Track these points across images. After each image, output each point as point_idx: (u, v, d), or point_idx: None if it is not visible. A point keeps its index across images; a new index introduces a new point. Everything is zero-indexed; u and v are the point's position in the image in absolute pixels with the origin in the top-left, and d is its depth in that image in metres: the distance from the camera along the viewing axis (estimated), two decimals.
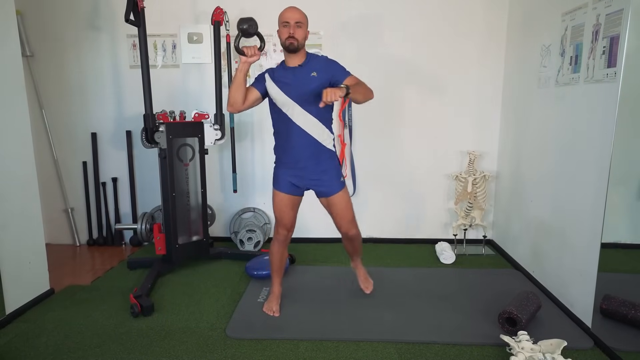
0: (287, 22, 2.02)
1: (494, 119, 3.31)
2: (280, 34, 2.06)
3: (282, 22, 2.05)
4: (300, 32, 2.04)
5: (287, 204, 2.21)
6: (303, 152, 2.13)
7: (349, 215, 2.24)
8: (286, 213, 2.22)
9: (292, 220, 2.25)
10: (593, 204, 2.05)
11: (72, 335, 2.11)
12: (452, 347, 1.99)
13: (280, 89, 2.08)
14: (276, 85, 2.09)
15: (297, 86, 2.07)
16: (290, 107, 2.09)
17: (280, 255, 2.31)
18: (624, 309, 2.03)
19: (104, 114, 3.41)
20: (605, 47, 1.96)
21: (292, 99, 2.07)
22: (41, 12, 3.28)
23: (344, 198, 2.20)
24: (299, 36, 2.03)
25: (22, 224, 2.39)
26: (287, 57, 2.11)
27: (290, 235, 2.29)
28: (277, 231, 2.26)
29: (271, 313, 2.28)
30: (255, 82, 2.17)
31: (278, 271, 2.35)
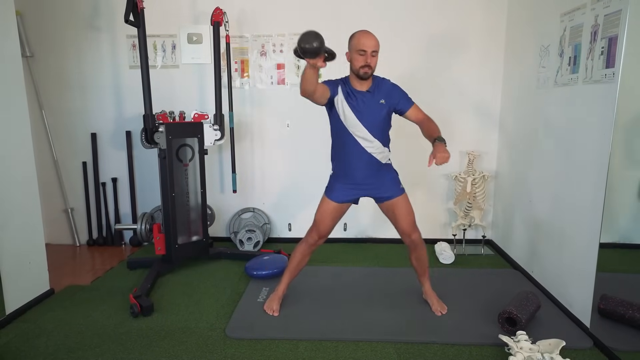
0: (365, 51, 1.98)
1: (493, 119, 3.31)
2: (355, 60, 2.01)
3: (358, 49, 1.99)
4: (374, 60, 2.02)
5: (332, 213, 2.22)
6: (364, 171, 2.15)
7: (411, 218, 2.24)
8: (328, 221, 2.23)
9: (329, 230, 2.27)
10: (591, 204, 2.05)
11: (72, 335, 2.11)
12: (450, 347, 2.00)
13: (353, 111, 2.07)
14: (348, 105, 2.08)
15: (368, 113, 2.07)
16: (358, 130, 2.09)
17: (302, 257, 2.31)
18: (621, 309, 2.04)
19: (104, 114, 3.42)
20: (604, 48, 1.96)
21: (362, 124, 2.08)
22: (41, 13, 3.29)
23: (405, 202, 2.22)
24: (373, 64, 2.02)
25: (22, 224, 2.39)
26: (355, 81, 2.09)
27: (321, 243, 2.30)
28: (311, 234, 2.27)
29: (271, 312, 2.28)
30: (329, 83, 2.10)
31: (293, 272, 2.35)
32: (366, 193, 2.22)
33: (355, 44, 2.01)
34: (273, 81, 3.35)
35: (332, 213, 2.22)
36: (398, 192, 2.21)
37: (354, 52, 2.02)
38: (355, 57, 2.01)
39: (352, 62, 2.04)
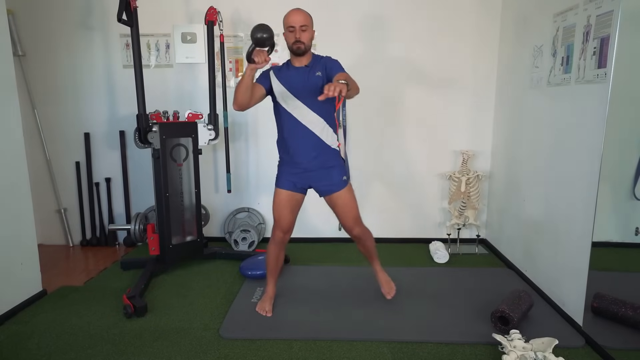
0: (293, 27, 2.03)
1: (487, 118, 3.33)
2: (287, 37, 2.07)
3: (287, 26, 2.05)
4: (306, 35, 2.05)
5: (287, 205, 2.20)
6: (307, 150, 2.14)
7: (353, 213, 2.22)
8: (285, 215, 2.21)
9: (290, 223, 2.24)
10: (584, 203, 2.07)
11: (65, 337, 2.10)
12: (444, 346, 2.00)
13: (287, 88, 2.10)
14: (282, 84, 2.10)
15: (303, 86, 2.08)
16: (295, 106, 2.10)
17: (276, 256, 2.30)
18: (614, 307, 2.05)
19: (97, 114, 3.40)
20: (596, 48, 1.98)
21: (298, 98, 2.09)
22: (33, 11, 3.26)
23: (347, 196, 2.20)
24: (305, 39, 2.05)
25: (13, 225, 2.37)
26: (294, 59, 2.13)
27: (288, 238, 2.28)
28: (274, 233, 2.25)
29: (264, 313, 2.27)
30: (261, 78, 2.15)
31: (273, 272, 2.35)
32: (310, 182, 2.19)
33: (285, 22, 2.07)
34: None
35: (286, 205, 2.19)
36: (340, 186, 2.18)
37: (286, 30, 2.07)
38: (287, 34, 2.07)
39: (286, 41, 2.10)
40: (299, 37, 2.03)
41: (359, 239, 2.30)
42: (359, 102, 3.31)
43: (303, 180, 2.19)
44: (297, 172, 2.18)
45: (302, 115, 2.10)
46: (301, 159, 2.15)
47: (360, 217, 2.27)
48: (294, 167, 2.18)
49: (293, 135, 2.13)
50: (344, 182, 2.20)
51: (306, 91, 2.08)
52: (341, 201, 2.19)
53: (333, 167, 2.19)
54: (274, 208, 2.23)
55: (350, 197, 2.22)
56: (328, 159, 2.17)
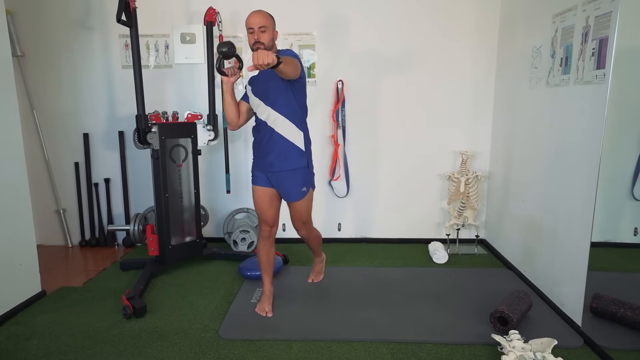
0: (252, 28, 2.05)
1: (486, 119, 3.33)
2: (248, 40, 2.09)
3: (247, 28, 2.07)
4: (265, 36, 2.06)
5: (265, 199, 2.26)
6: (271, 148, 2.17)
7: (303, 218, 2.33)
8: (266, 208, 2.27)
9: (273, 215, 2.29)
10: (583, 204, 2.07)
11: (64, 338, 2.09)
12: (444, 346, 2.00)
13: (252, 91, 2.18)
14: (250, 89, 2.19)
15: (264, 85, 2.13)
16: (259, 106, 2.16)
17: (267, 252, 2.32)
18: (613, 308, 2.06)
19: (96, 114, 3.39)
20: (595, 49, 1.98)
21: (259, 98, 2.15)
22: (32, 12, 3.26)
23: (301, 205, 2.28)
24: (264, 40, 2.06)
25: (12, 225, 2.37)
26: None
27: (275, 231, 2.32)
28: (260, 227, 2.32)
29: (264, 314, 2.28)
30: (243, 94, 2.28)
31: (267, 269, 2.35)
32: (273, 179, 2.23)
33: (245, 24, 2.08)
34: None
35: (264, 199, 2.26)
36: (297, 197, 2.24)
37: (247, 32, 2.09)
38: (248, 36, 2.09)
39: (249, 43, 2.10)
40: (258, 37, 2.05)
41: (304, 238, 2.47)
42: (358, 103, 3.33)
43: (270, 177, 2.24)
44: (263, 168, 2.24)
45: (266, 114, 2.14)
46: (264, 154, 2.20)
47: (309, 220, 2.38)
48: (260, 164, 2.24)
49: (260, 134, 2.20)
50: (303, 193, 2.25)
51: (266, 90, 2.13)
52: (295, 208, 2.29)
53: (295, 172, 2.20)
54: (254, 204, 2.30)
55: (304, 206, 2.29)
56: (292, 160, 2.18)
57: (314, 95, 3.14)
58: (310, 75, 3.30)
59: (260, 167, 2.25)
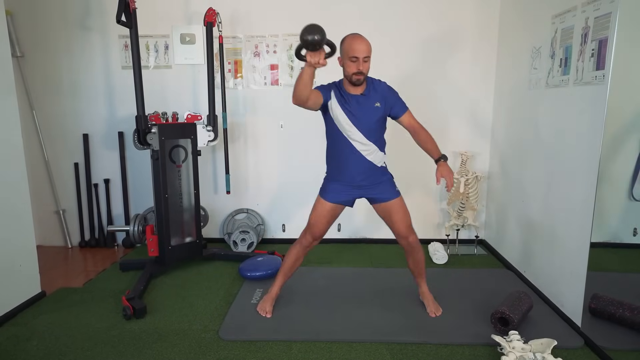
0: (357, 57, 1.94)
1: (486, 120, 3.33)
2: (347, 67, 1.99)
3: (350, 55, 1.95)
4: (367, 66, 1.99)
5: (327, 215, 2.21)
6: (359, 173, 2.14)
7: (408, 221, 2.23)
8: (323, 224, 2.22)
9: (323, 232, 2.26)
10: (582, 204, 2.07)
11: (64, 339, 2.09)
12: (444, 347, 2.00)
13: (346, 115, 2.06)
14: (342, 109, 2.06)
15: (362, 117, 2.06)
16: (352, 133, 2.08)
17: (296, 259, 2.31)
18: (612, 308, 2.06)
19: (96, 115, 3.39)
20: (594, 50, 1.99)
21: (357, 128, 2.07)
22: (31, 12, 3.26)
23: (401, 205, 2.21)
24: (366, 71, 1.99)
25: (12, 226, 2.37)
26: (349, 85, 2.06)
27: (315, 245, 2.30)
28: (304, 236, 2.26)
29: (264, 313, 2.27)
30: (321, 88, 2.08)
31: (287, 273, 2.35)
32: (361, 193, 2.21)
33: (347, 50, 1.97)
34: (266, 82, 3.34)
35: (327, 215, 2.21)
36: (394, 195, 2.20)
37: (346, 58, 1.98)
38: (348, 63, 1.98)
39: (344, 68, 2.02)
40: (361, 68, 1.96)
41: (413, 248, 2.25)
42: None
43: (351, 193, 2.20)
44: (345, 188, 2.19)
45: (357, 141, 2.08)
46: (351, 179, 2.15)
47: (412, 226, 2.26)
48: (343, 185, 2.18)
49: (345, 157, 2.12)
50: (397, 192, 2.23)
51: (364, 121, 2.06)
52: (396, 208, 2.19)
53: (385, 180, 2.21)
54: (314, 215, 2.23)
55: (404, 206, 2.23)
56: (377, 176, 2.19)
57: None
58: None
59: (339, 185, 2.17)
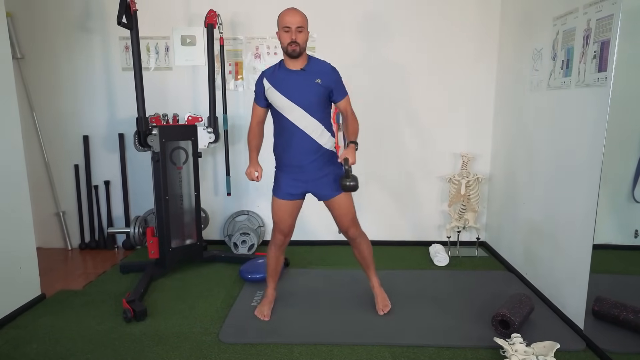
0: (289, 27, 1.98)
1: (487, 121, 3.33)
2: (281, 38, 2.02)
3: (282, 26, 2.00)
4: (302, 37, 2.01)
5: (286, 211, 2.20)
6: (305, 154, 2.11)
7: (350, 215, 2.23)
8: (285, 220, 2.21)
9: (291, 226, 2.25)
10: (585, 206, 2.07)
11: (64, 342, 2.08)
12: (446, 350, 1.99)
13: (282, 94, 2.06)
14: (277, 90, 2.07)
15: (300, 91, 2.05)
16: (292, 111, 2.06)
17: (276, 259, 2.30)
18: (615, 311, 2.05)
19: (96, 116, 3.39)
20: (596, 52, 1.98)
21: (295, 103, 2.05)
22: (32, 14, 3.25)
23: (345, 200, 2.19)
24: (300, 41, 2.00)
25: (12, 228, 2.36)
26: (288, 61, 2.08)
27: (288, 240, 2.29)
28: (275, 235, 2.26)
29: (262, 317, 2.26)
30: (257, 97, 2.16)
31: (273, 275, 2.34)
32: (309, 187, 2.18)
33: (280, 22, 2.01)
34: None
35: (285, 211, 2.20)
36: (335, 192, 2.17)
37: (280, 30, 2.02)
38: (282, 34, 2.01)
39: (280, 41, 2.04)
40: (295, 38, 1.98)
41: (354, 240, 2.29)
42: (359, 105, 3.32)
43: (302, 186, 2.18)
44: (295, 176, 2.16)
45: (299, 120, 2.07)
46: (299, 162, 2.13)
47: (357, 219, 2.27)
48: (292, 172, 2.16)
49: (290, 138, 2.11)
50: None
51: (303, 96, 2.05)
52: (338, 204, 2.19)
53: (330, 172, 2.17)
54: (273, 213, 2.23)
55: (347, 201, 2.21)
56: (325, 162, 2.16)
57: None
58: None
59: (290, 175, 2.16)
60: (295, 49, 2.01)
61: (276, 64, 2.14)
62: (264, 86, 2.11)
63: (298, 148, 2.11)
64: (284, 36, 2.01)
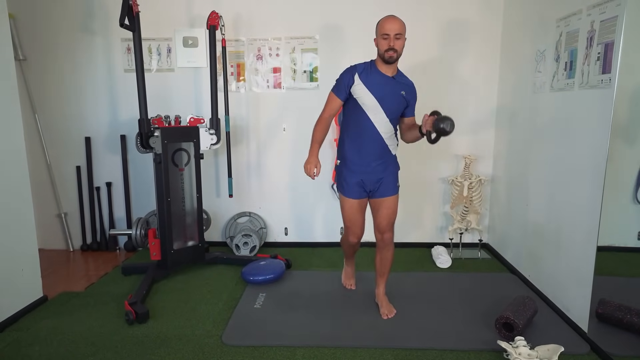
0: (387, 35, 2.03)
1: (490, 123, 3.32)
2: (379, 45, 2.08)
3: (381, 33, 2.05)
4: (399, 44, 2.06)
5: (357, 209, 2.28)
6: (375, 154, 2.20)
7: (393, 217, 2.28)
8: (357, 220, 2.29)
9: (363, 227, 2.33)
10: (588, 208, 2.06)
11: (66, 344, 2.08)
12: (449, 352, 1.99)
13: (373, 94, 2.12)
14: (368, 89, 2.12)
15: (389, 97, 2.13)
16: (377, 113, 2.14)
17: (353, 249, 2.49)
18: (619, 314, 2.04)
19: (98, 118, 3.39)
20: (600, 53, 1.97)
21: (381, 107, 2.13)
22: (34, 16, 3.25)
23: (394, 202, 2.26)
24: (398, 47, 2.06)
25: (14, 230, 2.36)
26: (381, 65, 2.14)
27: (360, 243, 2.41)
28: (348, 238, 2.35)
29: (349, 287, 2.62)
30: (339, 89, 2.17)
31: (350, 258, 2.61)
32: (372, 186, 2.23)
33: (379, 29, 2.08)
34: (269, 85, 3.34)
35: (356, 210, 2.27)
36: (392, 192, 2.26)
37: (379, 37, 2.07)
38: (380, 41, 2.07)
39: (378, 47, 2.10)
40: (393, 44, 2.03)
41: (386, 245, 2.30)
42: None
43: (368, 185, 2.24)
44: (363, 176, 2.22)
45: (379, 122, 2.15)
46: (368, 160, 2.20)
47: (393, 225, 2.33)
48: (360, 172, 2.22)
49: (365, 137, 2.18)
50: (397, 188, 2.28)
51: (390, 101, 2.13)
52: (387, 204, 2.25)
53: (391, 172, 2.26)
54: (345, 215, 2.29)
55: (396, 203, 2.28)
56: (390, 164, 2.26)
57: (317, 99, 3.13)
58: (312, 79, 3.30)
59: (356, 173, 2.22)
60: (393, 56, 2.06)
61: (367, 63, 2.18)
62: (353, 80, 2.13)
63: (371, 149, 2.20)
64: (382, 43, 2.06)
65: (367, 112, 2.14)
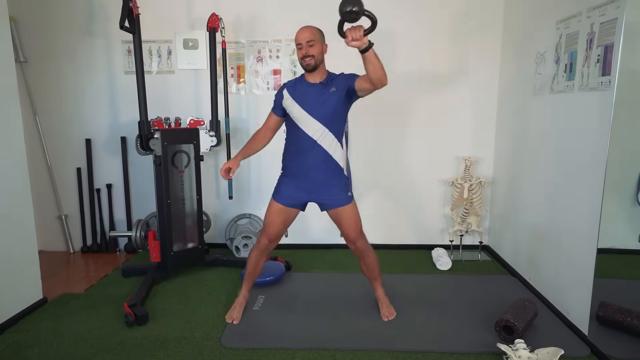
0: (300, 44, 2.05)
1: (490, 125, 3.32)
2: (298, 55, 2.10)
3: (296, 44, 2.08)
4: (314, 49, 2.05)
5: (280, 216, 2.21)
6: (314, 164, 2.13)
7: (357, 226, 2.22)
8: (276, 225, 2.23)
9: (279, 233, 2.26)
10: (589, 210, 2.05)
11: (65, 346, 2.08)
12: (448, 355, 1.98)
13: (301, 106, 2.10)
14: (295, 102, 2.12)
15: (318, 103, 2.09)
16: (309, 124, 2.10)
17: (256, 262, 2.31)
18: (620, 316, 2.03)
19: (99, 120, 3.39)
20: (600, 56, 1.97)
21: (311, 116, 2.09)
22: (35, 18, 3.26)
23: (352, 210, 2.20)
24: (314, 53, 2.05)
25: (14, 231, 2.36)
26: (307, 74, 2.14)
27: (272, 247, 2.29)
28: (260, 239, 2.28)
29: (230, 320, 2.26)
30: (274, 106, 2.22)
31: (250, 278, 2.34)
32: (313, 196, 2.19)
33: (295, 41, 2.09)
34: (269, 87, 3.34)
35: (279, 216, 2.21)
36: (344, 202, 2.18)
37: (296, 49, 2.09)
38: (297, 52, 2.09)
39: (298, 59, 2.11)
40: (307, 52, 2.04)
41: (362, 252, 2.27)
42: (361, 108, 3.31)
43: (305, 195, 2.19)
44: (300, 184, 2.17)
45: (314, 131, 2.10)
46: (308, 171, 2.15)
47: (363, 231, 2.27)
48: (298, 180, 2.18)
49: (303, 149, 2.13)
50: (349, 197, 2.21)
51: (320, 108, 2.09)
52: (346, 215, 2.19)
53: (338, 184, 2.19)
54: (266, 216, 2.25)
55: (355, 212, 2.21)
56: (334, 172, 2.17)
57: None
58: None
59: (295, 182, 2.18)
60: (310, 63, 2.05)
61: (297, 78, 2.21)
62: (282, 95, 2.17)
63: (309, 158, 2.13)
64: (298, 53, 2.08)
65: (297, 123, 2.12)
